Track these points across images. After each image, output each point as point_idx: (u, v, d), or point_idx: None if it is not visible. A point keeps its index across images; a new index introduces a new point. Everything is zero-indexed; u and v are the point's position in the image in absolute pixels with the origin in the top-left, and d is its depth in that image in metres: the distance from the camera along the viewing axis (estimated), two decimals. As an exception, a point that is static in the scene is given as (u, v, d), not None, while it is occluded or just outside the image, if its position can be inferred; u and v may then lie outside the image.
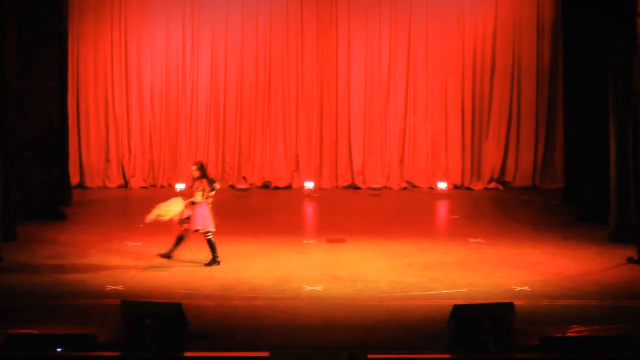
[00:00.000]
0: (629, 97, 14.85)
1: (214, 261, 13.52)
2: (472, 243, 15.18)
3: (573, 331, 10.38)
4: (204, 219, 13.42)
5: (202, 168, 13.59)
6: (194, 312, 10.78)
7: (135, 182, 20.84)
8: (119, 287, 12.27)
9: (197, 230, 13.47)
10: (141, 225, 16.48)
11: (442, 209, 19.22)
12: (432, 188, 20.67)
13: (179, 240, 13.55)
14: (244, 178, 20.92)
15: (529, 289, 12.24)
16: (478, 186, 20.85)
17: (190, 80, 20.95)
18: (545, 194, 20.04)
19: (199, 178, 13.51)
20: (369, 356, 9.44)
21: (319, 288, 12.33)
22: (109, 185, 20.83)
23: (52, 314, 11.05)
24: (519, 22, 20.82)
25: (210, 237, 13.51)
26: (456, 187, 20.80)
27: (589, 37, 16.95)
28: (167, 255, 13.54)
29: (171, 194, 19.66)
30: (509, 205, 19.06)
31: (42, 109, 17.38)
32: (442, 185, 20.37)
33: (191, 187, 13.78)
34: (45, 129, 17.48)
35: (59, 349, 9.76)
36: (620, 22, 14.91)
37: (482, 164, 20.95)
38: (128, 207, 19.40)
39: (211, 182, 13.57)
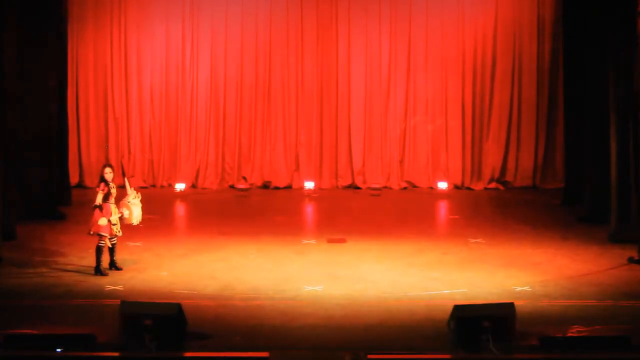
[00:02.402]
0: (629, 97, 14.85)
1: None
2: (473, 243, 15.17)
3: (573, 331, 10.37)
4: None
5: None
6: (194, 312, 10.76)
7: (135, 182, 20.74)
8: (119, 287, 12.27)
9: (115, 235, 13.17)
10: (140, 225, 16.54)
11: (443, 209, 19.20)
12: (432, 188, 20.64)
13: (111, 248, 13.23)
14: (244, 178, 20.89)
15: (529, 289, 12.23)
16: (478, 186, 20.83)
17: (190, 80, 20.92)
18: (545, 194, 20.02)
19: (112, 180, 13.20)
20: (369, 356, 9.42)
21: (319, 288, 12.32)
22: (108, 185, 20.78)
23: (52, 314, 11.04)
24: (519, 22, 20.80)
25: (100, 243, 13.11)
26: (456, 187, 20.77)
27: (589, 37, 16.94)
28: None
29: (171, 194, 19.82)
30: (510, 205, 19.04)
31: (42, 109, 17.36)
32: (442, 185, 20.35)
33: (110, 188, 13.07)
34: (45, 129, 17.46)
35: (58, 349, 9.75)
36: (621, 22, 14.91)
37: (482, 163, 20.92)
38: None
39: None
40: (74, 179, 20.12)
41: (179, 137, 20.95)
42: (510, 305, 10.20)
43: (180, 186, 20.03)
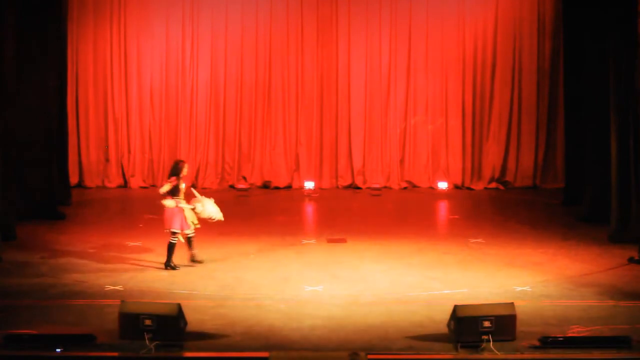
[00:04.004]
0: (630, 96, 14.84)
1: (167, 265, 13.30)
2: (473, 243, 15.16)
3: (573, 331, 10.37)
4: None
5: None
6: (194, 312, 10.76)
7: (135, 182, 20.83)
8: (118, 287, 12.25)
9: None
10: (141, 225, 16.55)
11: (443, 209, 19.20)
12: (432, 188, 20.65)
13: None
14: (244, 178, 20.90)
15: (529, 289, 12.23)
16: (479, 186, 20.84)
17: (190, 80, 20.92)
18: (545, 194, 20.03)
19: None
20: (369, 356, 9.42)
21: (319, 288, 12.31)
22: (108, 185, 20.81)
23: (52, 314, 11.03)
24: (519, 21, 20.81)
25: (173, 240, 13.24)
26: (457, 187, 20.79)
27: (589, 37, 16.94)
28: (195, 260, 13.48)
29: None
30: (510, 205, 19.05)
31: (42, 109, 17.33)
32: (442, 185, 20.35)
33: (180, 183, 13.22)
34: (45, 129, 17.44)
35: (58, 349, 9.75)
36: (621, 21, 14.90)
37: (482, 163, 20.93)
38: (127, 207, 19.38)
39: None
40: (73, 179, 20.14)
41: (179, 137, 20.96)
42: (511, 305, 10.19)
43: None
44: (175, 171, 13.24)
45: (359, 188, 20.80)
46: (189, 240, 13.41)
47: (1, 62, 15.02)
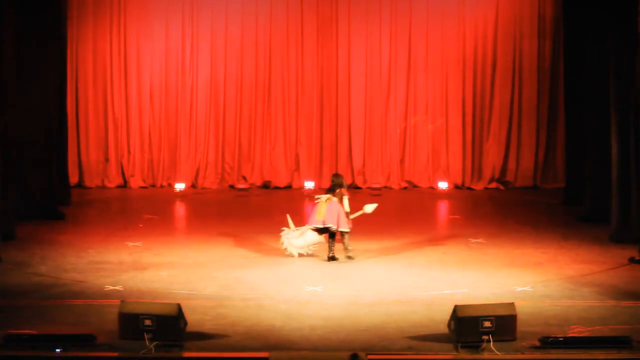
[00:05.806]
0: (630, 96, 14.83)
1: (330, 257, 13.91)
2: (473, 243, 15.15)
3: (574, 331, 10.36)
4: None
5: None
6: (194, 312, 10.75)
7: (135, 182, 20.81)
8: (118, 288, 12.24)
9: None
10: (141, 225, 16.55)
11: (443, 209, 19.19)
12: (432, 188, 20.64)
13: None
14: (244, 178, 20.88)
15: (530, 289, 12.22)
16: (479, 186, 20.82)
17: (190, 80, 20.90)
18: (546, 194, 20.02)
19: None
20: (369, 356, 9.41)
21: (319, 288, 12.30)
22: (108, 185, 20.79)
23: (52, 314, 11.02)
24: (520, 21, 20.80)
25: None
26: (457, 186, 20.77)
27: (589, 36, 16.93)
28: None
29: (171, 194, 19.81)
30: (510, 205, 19.03)
31: (42, 109, 17.31)
32: (442, 185, 20.35)
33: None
34: (45, 129, 17.42)
35: (58, 350, 9.74)
36: (621, 21, 14.90)
37: (483, 163, 20.91)
38: (127, 207, 19.37)
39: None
40: (73, 179, 20.12)
41: (178, 137, 20.94)
42: (511, 305, 10.19)
43: (180, 186, 20.02)
44: (343, 183, 14.43)
45: (359, 188, 20.77)
46: (332, 237, 13.92)
47: (1, 62, 15.01)
